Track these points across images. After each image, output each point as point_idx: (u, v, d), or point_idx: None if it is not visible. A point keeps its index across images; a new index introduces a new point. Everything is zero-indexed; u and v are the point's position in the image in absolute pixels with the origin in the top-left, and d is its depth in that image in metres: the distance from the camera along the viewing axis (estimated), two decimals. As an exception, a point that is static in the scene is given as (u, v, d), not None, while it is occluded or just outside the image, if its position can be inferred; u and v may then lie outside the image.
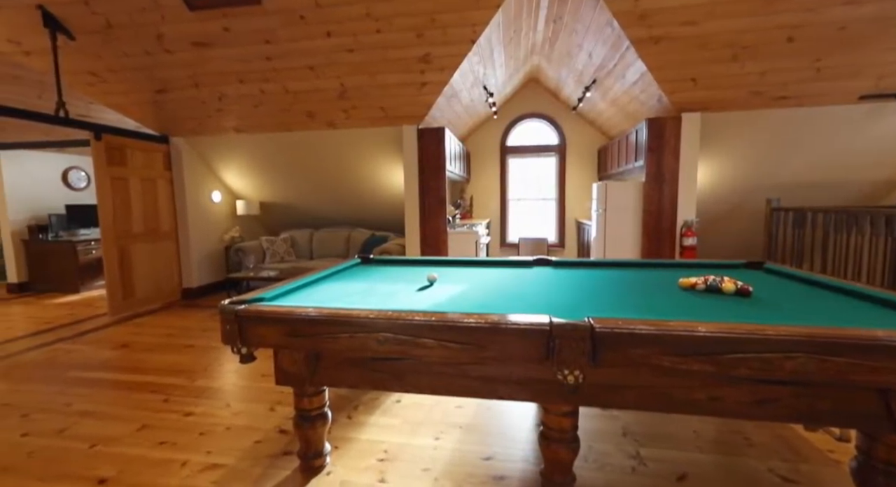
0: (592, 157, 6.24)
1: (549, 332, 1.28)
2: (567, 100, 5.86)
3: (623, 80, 4.00)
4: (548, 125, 6.25)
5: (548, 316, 1.33)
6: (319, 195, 5.37)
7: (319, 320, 1.47)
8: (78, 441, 2.04)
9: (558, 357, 1.27)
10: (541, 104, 6.18)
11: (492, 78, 4.51)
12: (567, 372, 1.27)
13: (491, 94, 4.64)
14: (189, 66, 3.82)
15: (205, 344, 3.40)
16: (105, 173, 4.12)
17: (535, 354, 1.31)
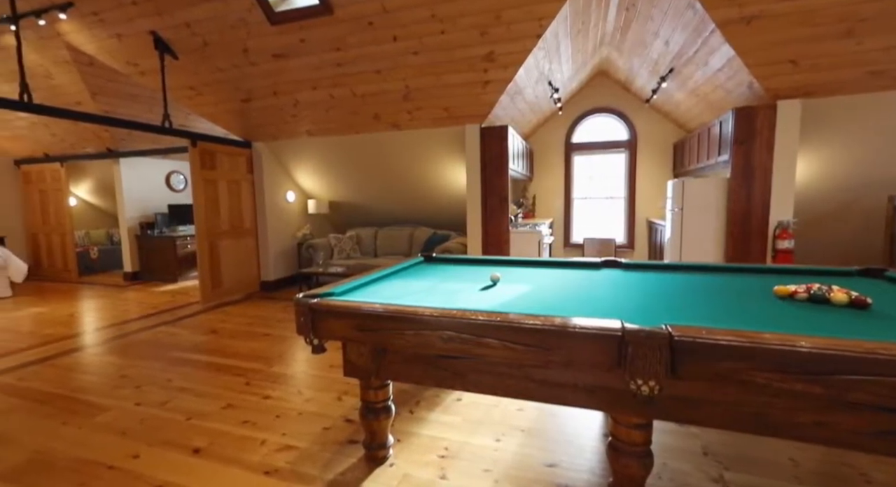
0: (667, 153, 5.80)
1: (620, 338, 1.20)
2: (639, 93, 5.50)
3: (705, 67, 3.67)
4: (617, 120, 5.92)
5: (619, 321, 1.25)
6: (384, 194, 5.56)
7: (385, 316, 1.52)
8: (177, 413, 2.29)
9: (631, 365, 1.19)
10: (609, 98, 5.87)
11: (557, 73, 4.37)
12: (640, 382, 1.19)
13: (556, 90, 4.50)
14: (269, 76, 4.14)
15: (280, 334, 3.67)
16: (199, 176, 4.61)
17: (604, 360, 1.24)
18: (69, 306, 4.83)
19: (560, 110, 5.19)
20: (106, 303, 4.93)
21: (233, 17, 3.58)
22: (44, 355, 3.24)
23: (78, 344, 3.51)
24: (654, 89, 4.59)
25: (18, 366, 3.02)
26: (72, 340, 3.60)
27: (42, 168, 6.36)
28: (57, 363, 3.07)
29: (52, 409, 2.38)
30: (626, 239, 6.09)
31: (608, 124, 6.00)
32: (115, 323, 4.08)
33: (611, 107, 5.88)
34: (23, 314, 4.50)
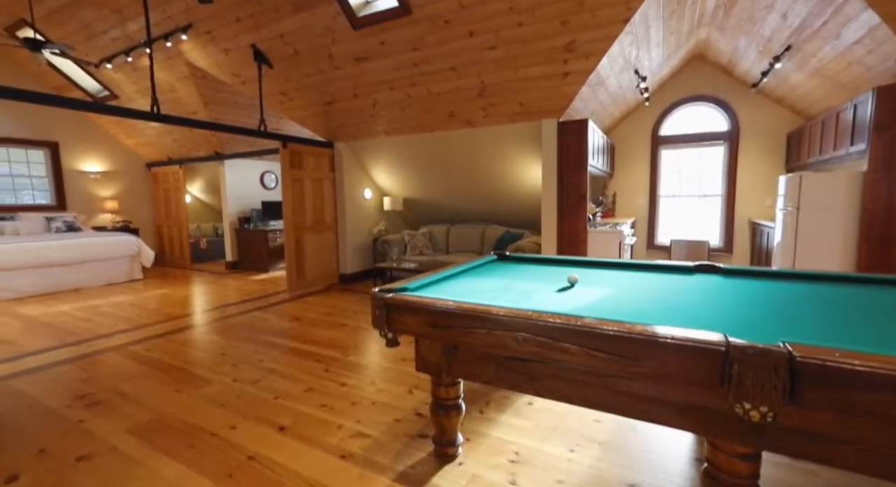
0: (778, 144, 5.08)
1: (724, 354, 1.05)
2: (744, 77, 4.88)
3: (836, 41, 3.13)
4: (714, 108, 5.31)
5: (722, 334, 1.10)
6: (456, 192, 5.59)
7: (458, 314, 1.50)
8: (266, 392, 2.51)
9: (738, 386, 1.03)
10: (706, 84, 5.28)
11: (645, 60, 4.03)
12: (749, 407, 1.03)
13: (643, 79, 4.15)
14: (351, 79, 4.35)
15: (355, 325, 3.86)
16: (288, 175, 5.01)
17: (702, 378, 1.10)
18: (184, 289, 5.55)
19: (647, 101, 4.79)
20: (211, 288, 5.58)
21: (320, 26, 3.81)
22: (164, 330, 3.75)
23: (189, 322, 4.01)
24: (763, 71, 4.03)
25: (146, 338, 3.52)
26: (185, 319, 4.12)
27: (166, 170, 7.38)
28: (174, 338, 3.54)
29: (170, 378, 2.74)
30: (723, 241, 5.46)
31: (703, 114, 5.41)
32: (218, 307, 4.59)
33: (708, 94, 5.30)
34: (150, 294, 5.26)
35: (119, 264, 5.96)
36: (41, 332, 3.73)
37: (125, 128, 6.99)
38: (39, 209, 6.45)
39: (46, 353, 3.21)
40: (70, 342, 3.46)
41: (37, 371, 2.89)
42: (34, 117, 6.36)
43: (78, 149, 6.88)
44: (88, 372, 2.85)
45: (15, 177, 6.33)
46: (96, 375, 2.81)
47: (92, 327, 3.87)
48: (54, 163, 6.63)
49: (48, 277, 5.28)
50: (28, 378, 2.78)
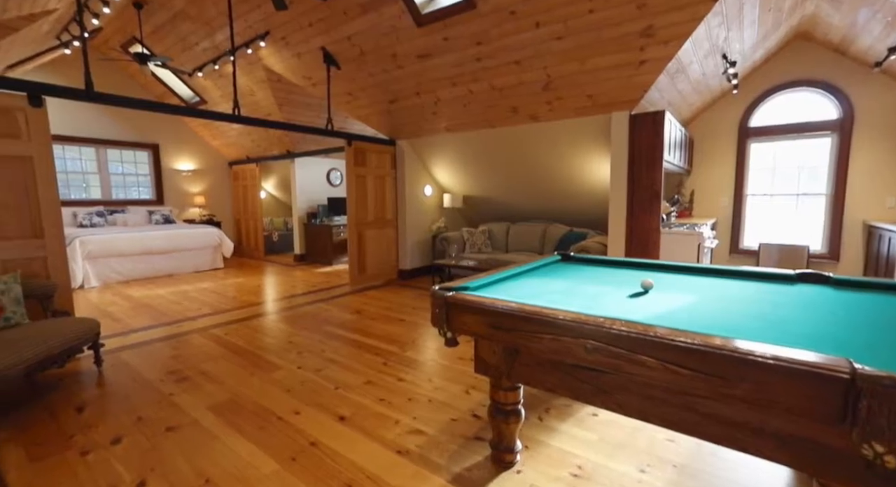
0: (902, 134, 4.33)
1: (848, 383, 0.88)
2: (863, 56, 4.20)
3: None
4: (822, 94, 4.64)
5: (846, 359, 0.92)
6: (517, 189, 5.45)
7: (522, 316, 1.43)
8: (328, 382, 2.60)
9: (867, 424, 0.86)
10: (811, 67, 4.63)
11: (736, 42, 3.61)
12: (882, 450, 0.85)
13: (732, 64, 3.73)
14: (414, 77, 4.38)
15: (413, 321, 3.90)
16: (352, 172, 5.19)
17: (816, 409, 0.93)
18: (257, 279, 5.98)
19: (735, 88, 4.30)
20: (281, 279, 5.96)
21: (385, 26, 3.88)
22: (240, 317, 4.05)
23: (262, 310, 4.30)
24: (892, 47, 3.43)
25: (225, 323, 3.83)
26: (258, 307, 4.43)
27: (244, 168, 8.00)
28: (248, 324, 3.81)
29: (244, 361, 2.94)
30: (827, 246, 4.78)
31: (806, 101, 4.76)
32: (286, 297, 4.88)
33: (813, 78, 4.64)
34: (229, 282, 5.73)
35: (204, 254, 6.57)
36: (142, 312, 4.21)
37: (212, 130, 7.68)
38: (143, 203, 7.30)
39: (146, 331, 3.61)
40: (164, 322, 3.86)
41: (138, 346, 3.25)
42: (141, 123, 7.21)
43: (173, 149, 7.68)
44: (178, 351, 3.15)
45: (126, 175, 7.22)
46: (184, 353, 3.09)
47: (181, 310, 4.29)
48: (155, 163, 7.46)
49: (148, 263, 5.96)
50: (132, 351, 3.14)
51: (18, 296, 2.60)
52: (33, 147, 2.88)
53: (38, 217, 2.92)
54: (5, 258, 2.80)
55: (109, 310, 4.29)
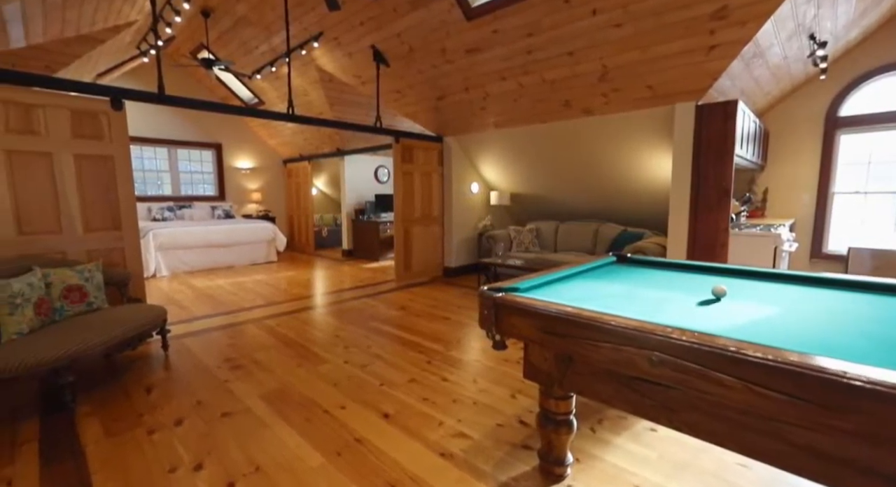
0: None
1: None
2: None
3: None
4: (928, 77, 4.03)
5: None
6: (568, 186, 5.24)
7: (578, 322, 1.32)
8: (373, 378, 2.62)
9: None
10: (916, 46, 4.03)
11: (826, 20, 3.21)
12: None
13: (821, 45, 3.32)
14: (462, 72, 4.32)
15: (458, 319, 3.85)
16: (399, 169, 5.22)
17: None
18: (307, 272, 6.21)
19: (823, 73, 3.83)
20: (329, 273, 6.15)
21: (434, 21, 3.84)
22: (291, 309, 4.21)
23: (310, 303, 4.44)
24: None
25: (276, 315, 3.99)
26: (307, 300, 4.58)
27: (297, 166, 8.34)
28: (298, 316, 3.95)
29: (293, 352, 3.04)
30: (927, 252, 4.16)
31: (908, 85, 4.15)
32: (334, 291, 5.02)
33: (917, 60, 4.05)
34: (281, 275, 5.99)
35: (260, 247, 6.92)
36: (204, 301, 4.49)
37: (268, 129, 8.07)
38: (207, 199, 7.82)
39: (206, 319, 3.84)
40: (222, 311, 4.09)
41: (199, 333, 3.46)
42: (206, 124, 7.72)
43: (235, 148, 8.16)
44: (234, 339, 3.32)
45: (192, 173, 7.77)
46: (239, 342, 3.25)
47: (238, 300, 4.53)
48: (218, 161, 7.96)
49: (210, 255, 6.37)
50: (194, 338, 3.34)
51: (100, 283, 2.84)
52: (114, 147, 3.13)
53: (118, 211, 3.19)
54: (90, 248, 3.08)
55: (176, 298, 4.62)
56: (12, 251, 2.77)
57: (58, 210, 2.93)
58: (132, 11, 4.04)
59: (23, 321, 2.33)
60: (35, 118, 2.83)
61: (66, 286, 2.65)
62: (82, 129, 3.01)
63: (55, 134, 2.90)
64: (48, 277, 2.60)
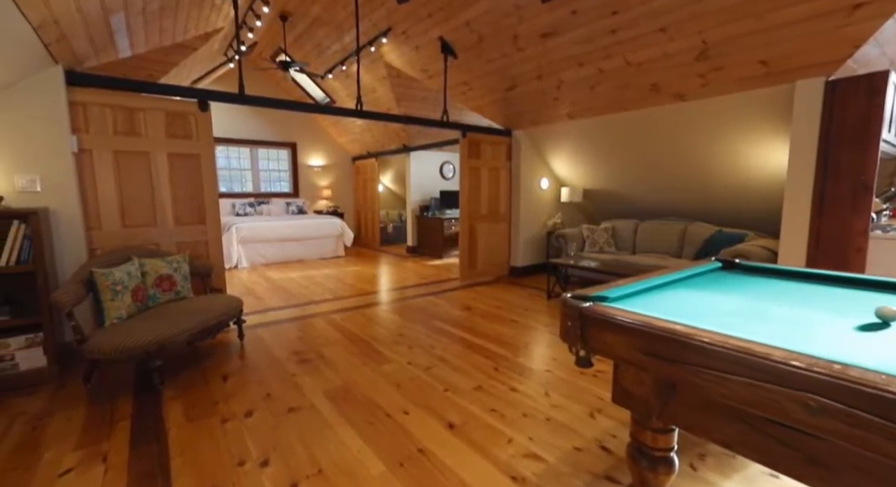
0: None
1: None
2: None
3: None
4: None
5: None
6: (650, 181, 4.74)
7: (694, 346, 1.06)
8: (437, 382, 2.49)
9: None
10: None
11: None
12: None
13: None
14: (535, 60, 4.04)
15: (525, 322, 3.62)
16: (466, 164, 5.07)
17: None
18: (373, 268, 6.30)
19: None
20: (393, 270, 6.18)
21: (507, 5, 3.61)
22: (356, 304, 4.25)
23: (375, 300, 4.46)
24: None
25: (342, 309, 4.05)
26: (372, 296, 4.61)
27: (365, 163, 8.54)
28: (363, 312, 3.96)
29: (357, 349, 3.02)
30: None
31: None
32: (398, 287, 5.01)
33: None
34: (348, 270, 6.15)
35: (328, 242, 7.18)
36: (277, 293, 4.70)
37: (339, 128, 8.35)
38: (282, 195, 8.30)
39: (278, 311, 3.99)
40: (293, 304, 4.24)
41: (272, 324, 3.59)
42: (283, 125, 8.18)
43: (308, 147, 8.56)
44: (302, 332, 3.39)
45: (270, 171, 8.28)
46: (307, 336, 3.31)
47: (307, 293, 4.68)
48: (293, 159, 8.40)
49: (284, 249, 6.72)
50: (266, 329, 3.47)
51: (186, 274, 3.03)
52: (200, 145, 3.33)
53: (203, 206, 3.39)
54: (179, 240, 3.30)
55: (254, 289, 4.89)
56: (118, 242, 3.05)
57: (153, 205, 3.18)
58: (218, 19, 4.31)
59: (122, 307, 2.52)
60: (137, 120, 3.08)
61: (158, 275, 2.85)
62: (174, 130, 3.22)
63: (152, 134, 3.14)
64: (144, 267, 2.81)
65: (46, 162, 2.71)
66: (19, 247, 2.45)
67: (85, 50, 2.81)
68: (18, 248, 2.45)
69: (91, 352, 2.23)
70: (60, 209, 2.77)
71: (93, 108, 2.91)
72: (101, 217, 2.99)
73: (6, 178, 2.60)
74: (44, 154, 2.69)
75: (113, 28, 2.81)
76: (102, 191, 2.98)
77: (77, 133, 2.86)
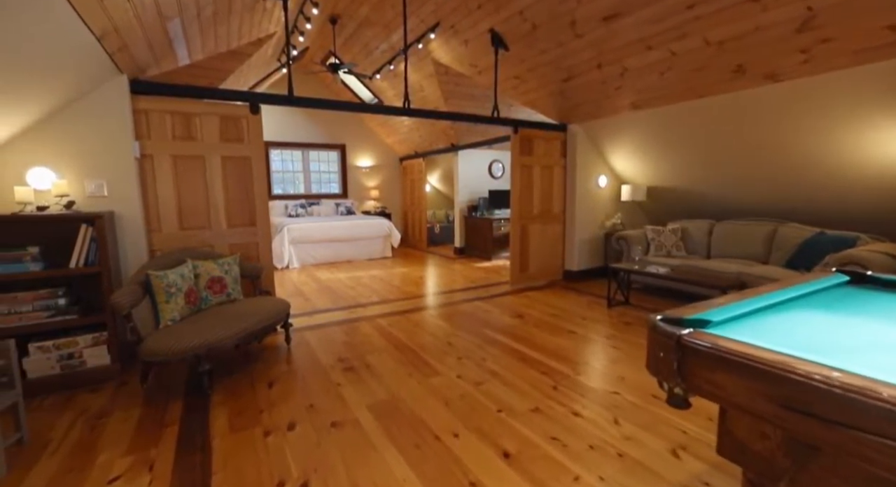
0: None
1: None
2: None
3: None
4: None
5: None
6: (729, 176, 4.20)
7: (876, 408, 0.76)
8: (489, 400, 2.27)
9: None
10: None
11: None
12: None
13: None
14: (595, 46, 3.69)
15: (584, 334, 3.30)
16: (517, 162, 4.79)
17: None
18: (419, 269, 6.18)
19: None
20: (441, 271, 6.03)
21: (565, -13, 3.31)
22: (403, 308, 4.12)
23: (422, 303, 4.31)
24: None
25: (389, 314, 3.93)
26: (419, 300, 4.47)
27: (412, 162, 8.48)
28: (410, 317, 3.82)
29: (404, 358, 2.86)
30: None
31: None
32: (446, 291, 4.83)
33: None
34: (395, 271, 6.07)
35: (376, 243, 7.17)
36: (325, 294, 4.70)
37: (387, 128, 8.34)
38: (332, 196, 8.44)
39: (326, 313, 3.96)
40: (340, 306, 4.19)
41: (319, 327, 3.55)
42: (333, 127, 8.31)
43: (356, 148, 8.64)
44: (349, 337, 3.30)
45: (321, 172, 8.45)
46: (353, 341, 3.21)
47: (355, 295, 4.63)
48: (342, 161, 8.52)
49: (333, 249, 6.79)
50: (313, 332, 3.43)
51: (237, 276, 3.04)
52: (251, 148, 3.34)
53: (253, 208, 3.40)
54: (232, 242, 3.34)
55: (303, 290, 4.93)
56: (176, 244, 3.12)
57: (207, 207, 3.22)
58: (270, 24, 4.36)
59: (175, 308, 2.54)
60: (193, 125, 3.14)
61: (210, 277, 2.87)
62: (227, 133, 3.26)
63: (207, 138, 3.18)
64: (196, 269, 2.84)
65: (112, 167, 2.80)
66: (87, 250, 2.54)
67: (146, 58, 2.89)
68: (87, 250, 2.54)
69: (145, 354, 2.24)
70: (124, 212, 2.86)
71: (154, 115, 2.99)
72: (160, 219, 3.07)
73: (77, 183, 2.72)
74: (110, 160, 2.79)
75: (170, 36, 2.86)
76: (162, 195, 3.06)
77: (140, 139, 2.95)
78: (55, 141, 2.64)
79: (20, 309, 2.39)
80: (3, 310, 2.35)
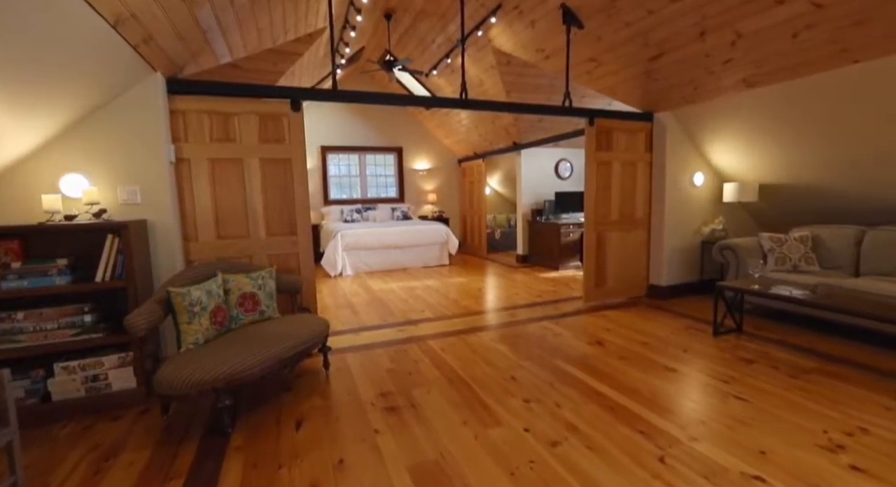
0: None
1: None
2: None
3: None
4: None
5: None
6: (877, 169, 3.19)
7: None
8: (570, 474, 1.67)
9: None
10: None
11: None
12: None
13: None
14: (697, 10, 2.93)
15: (688, 373, 2.55)
16: (593, 158, 4.08)
17: None
18: (478, 280, 5.64)
19: None
20: (502, 282, 5.43)
21: (663, -67, 2.61)
22: (458, 327, 3.60)
23: (480, 322, 3.76)
24: None
25: (442, 333, 3.44)
26: (477, 317, 3.92)
27: (472, 164, 7.98)
28: (466, 339, 3.29)
29: (458, 397, 2.34)
30: None
31: None
32: (507, 307, 4.24)
33: None
34: (452, 281, 5.59)
35: (432, 250, 6.75)
36: (375, 307, 4.32)
37: (445, 129, 7.93)
38: (388, 201, 8.19)
39: (373, 331, 3.56)
40: (390, 323, 3.78)
41: (363, 348, 3.14)
42: (389, 129, 8.08)
43: (413, 150, 8.33)
44: (395, 363, 2.85)
45: (377, 176, 8.25)
46: (399, 368, 2.76)
47: (406, 309, 4.20)
48: (399, 164, 8.25)
49: (387, 256, 6.47)
50: (357, 354, 3.03)
51: (272, 291, 2.72)
52: (292, 149, 3.04)
53: (294, 215, 3.09)
54: (271, 253, 3.05)
55: (352, 301, 4.61)
56: (212, 254, 2.89)
57: (245, 214, 2.96)
58: (318, 19, 4.10)
59: (199, 330, 2.24)
60: (231, 126, 2.90)
61: (241, 293, 2.57)
62: (267, 133, 2.98)
63: (246, 140, 2.93)
64: (227, 283, 2.55)
65: (146, 173, 2.61)
66: (114, 262, 2.34)
67: (179, 53, 2.68)
68: (113, 263, 2.34)
69: (158, 386, 1.94)
70: (158, 220, 2.66)
71: (191, 116, 2.78)
72: (197, 228, 2.85)
73: (110, 190, 2.55)
74: (144, 165, 2.60)
75: (203, 26, 2.63)
76: (199, 201, 2.84)
77: (176, 142, 2.75)
78: (87, 146, 2.48)
79: (46, 327, 2.22)
80: (28, 328, 2.19)
